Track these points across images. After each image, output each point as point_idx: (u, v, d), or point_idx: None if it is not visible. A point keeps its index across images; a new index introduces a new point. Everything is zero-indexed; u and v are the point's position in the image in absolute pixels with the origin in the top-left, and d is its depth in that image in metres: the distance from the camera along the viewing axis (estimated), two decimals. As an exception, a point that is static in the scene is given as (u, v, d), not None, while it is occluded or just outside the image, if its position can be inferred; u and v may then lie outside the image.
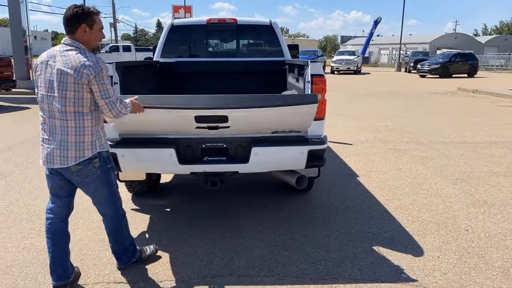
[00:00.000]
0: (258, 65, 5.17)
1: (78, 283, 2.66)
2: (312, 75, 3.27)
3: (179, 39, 5.34)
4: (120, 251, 2.76)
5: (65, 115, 2.31)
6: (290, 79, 4.68)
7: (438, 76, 25.83)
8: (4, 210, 3.89)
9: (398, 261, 2.95)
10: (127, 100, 2.53)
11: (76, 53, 2.31)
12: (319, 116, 3.35)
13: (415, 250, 3.12)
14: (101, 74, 2.31)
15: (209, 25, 5.22)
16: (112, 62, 3.22)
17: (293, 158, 3.26)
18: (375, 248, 3.15)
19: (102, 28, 2.49)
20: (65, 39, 2.40)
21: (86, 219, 3.66)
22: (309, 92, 3.28)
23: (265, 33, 5.30)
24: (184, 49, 5.41)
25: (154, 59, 5.17)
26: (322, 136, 3.33)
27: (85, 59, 2.29)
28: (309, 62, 3.32)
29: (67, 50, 2.34)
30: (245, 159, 3.21)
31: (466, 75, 26.73)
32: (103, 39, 2.60)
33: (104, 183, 2.52)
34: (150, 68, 4.72)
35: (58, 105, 2.30)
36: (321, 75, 3.30)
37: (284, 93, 4.48)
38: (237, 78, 5.18)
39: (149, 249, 2.97)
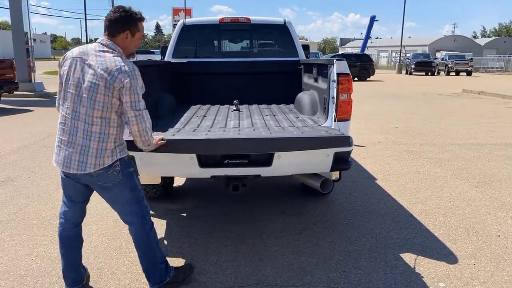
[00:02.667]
0: (272, 65, 5.03)
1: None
2: (338, 74, 3.13)
3: (191, 39, 5.20)
4: (150, 268, 2.49)
5: (91, 119, 2.14)
6: (306, 79, 4.54)
7: None
8: (14, 216, 3.73)
9: (433, 269, 2.80)
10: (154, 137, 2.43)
11: (113, 56, 2.17)
12: (345, 117, 3.24)
13: (449, 257, 2.98)
14: (135, 83, 2.14)
15: (221, 24, 5.09)
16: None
17: (318, 160, 3.11)
18: (406, 255, 3.01)
19: (142, 36, 2.37)
20: (103, 39, 2.24)
21: (100, 225, 3.51)
22: (334, 92, 3.15)
23: (279, 32, 5.17)
24: (196, 49, 5.27)
25: (165, 59, 5.03)
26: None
27: (122, 64, 2.14)
28: (334, 60, 3.19)
29: (103, 51, 2.18)
30: (267, 162, 3.06)
31: (356, 78, 22.60)
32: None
33: (127, 187, 2.32)
34: (162, 68, 4.57)
35: (86, 107, 2.13)
36: (347, 74, 3.16)
37: (300, 94, 4.34)
38: (251, 78, 5.04)
39: (184, 269, 2.69)
